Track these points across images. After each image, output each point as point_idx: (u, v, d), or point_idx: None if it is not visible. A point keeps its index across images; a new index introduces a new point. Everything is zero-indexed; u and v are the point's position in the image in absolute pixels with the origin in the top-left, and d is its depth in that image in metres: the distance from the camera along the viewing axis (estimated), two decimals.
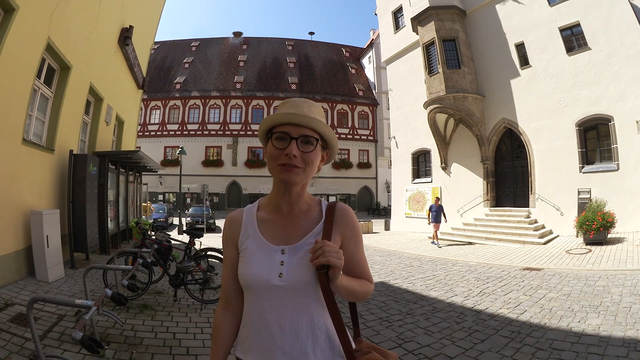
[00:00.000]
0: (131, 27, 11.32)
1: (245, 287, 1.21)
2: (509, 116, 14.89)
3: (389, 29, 21.28)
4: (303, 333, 1.14)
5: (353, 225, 1.26)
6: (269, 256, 1.18)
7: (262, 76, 42.66)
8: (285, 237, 1.21)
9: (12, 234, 6.07)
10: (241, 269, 1.21)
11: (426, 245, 13.55)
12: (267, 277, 1.15)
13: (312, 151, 1.16)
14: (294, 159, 1.13)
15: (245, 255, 1.22)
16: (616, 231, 10.61)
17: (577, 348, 3.92)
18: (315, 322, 1.16)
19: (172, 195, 37.96)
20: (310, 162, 1.17)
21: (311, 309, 1.16)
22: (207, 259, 6.37)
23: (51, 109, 7.64)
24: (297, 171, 1.15)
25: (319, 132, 1.18)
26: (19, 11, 5.63)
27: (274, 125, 1.18)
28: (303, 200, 1.25)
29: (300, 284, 1.14)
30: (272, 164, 1.17)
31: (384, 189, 40.07)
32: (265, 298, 1.16)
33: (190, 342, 4.12)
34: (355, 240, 1.26)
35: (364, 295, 1.25)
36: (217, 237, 16.11)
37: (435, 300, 6.22)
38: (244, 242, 1.24)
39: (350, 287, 1.17)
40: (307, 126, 1.15)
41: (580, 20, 12.61)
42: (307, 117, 1.15)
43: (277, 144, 1.15)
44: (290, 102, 1.21)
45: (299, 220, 1.24)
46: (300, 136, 1.14)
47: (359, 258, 1.27)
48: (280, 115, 1.16)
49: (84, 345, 2.49)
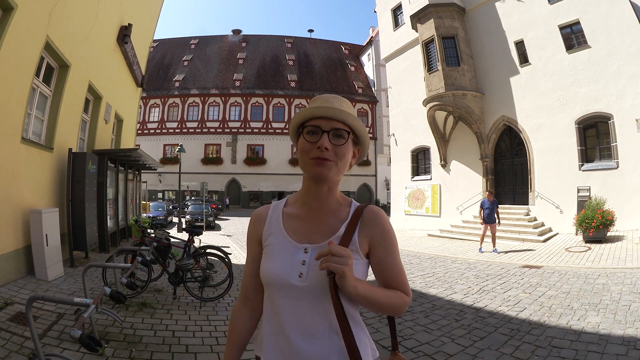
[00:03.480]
0: (130, 25, 11.28)
1: (265, 284, 1.18)
2: (508, 114, 14.89)
3: (388, 27, 21.24)
4: (320, 337, 1.10)
5: (384, 230, 1.18)
6: (291, 254, 1.15)
7: (262, 74, 42.61)
8: (309, 235, 1.17)
9: (11, 233, 6.07)
10: (262, 265, 1.19)
11: (426, 242, 13.53)
12: (286, 276, 1.12)
13: (343, 144, 1.14)
14: (325, 152, 1.11)
15: (267, 251, 1.20)
16: (615, 229, 10.61)
17: (577, 346, 3.93)
18: (333, 326, 1.10)
19: (172, 193, 37.95)
20: (342, 156, 1.14)
21: (329, 313, 1.09)
22: (207, 257, 6.37)
23: (50, 108, 7.62)
24: (329, 164, 1.12)
25: (350, 125, 1.15)
26: (17, 10, 5.61)
27: (305, 120, 1.16)
28: (334, 198, 1.21)
29: (320, 286, 1.09)
30: (304, 158, 1.14)
31: (383, 186, 40.09)
32: (283, 297, 1.13)
33: (189, 340, 4.12)
34: (386, 247, 1.17)
35: (393, 308, 1.16)
36: (216, 235, 16.13)
37: (435, 298, 6.23)
38: (267, 238, 1.21)
39: (371, 297, 1.10)
40: (338, 119, 1.13)
41: (580, 18, 12.59)
42: (338, 110, 1.13)
43: (309, 138, 1.13)
44: (321, 98, 1.20)
45: (327, 218, 1.19)
46: (332, 129, 1.13)
47: (391, 266, 1.18)
48: (311, 110, 1.15)
49: (82, 344, 2.49)
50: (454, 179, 17.06)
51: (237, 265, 8.05)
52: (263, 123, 40.35)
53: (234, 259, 7.47)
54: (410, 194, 19.49)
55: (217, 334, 4.40)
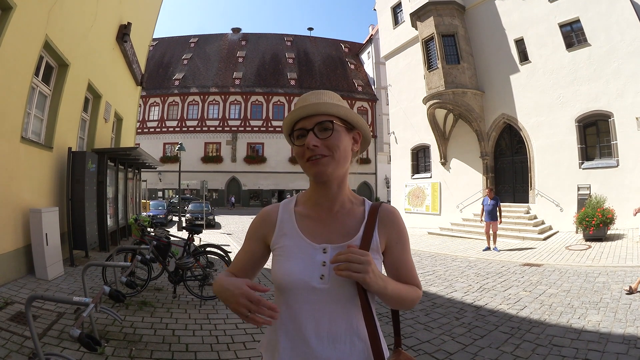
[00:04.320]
0: (129, 23, 11.26)
1: (280, 289, 1.12)
2: (508, 112, 14.87)
3: (388, 25, 21.21)
4: (341, 341, 1.07)
5: (399, 229, 1.19)
6: (309, 256, 1.10)
7: (261, 72, 42.60)
8: (327, 235, 1.13)
9: (11, 232, 6.06)
10: (277, 268, 1.13)
11: (426, 240, 13.53)
12: (307, 279, 1.07)
13: (331, 135, 1.09)
14: (316, 149, 1.07)
15: (281, 253, 1.14)
16: (616, 227, 10.61)
17: (577, 344, 3.93)
18: (355, 329, 1.09)
19: (172, 192, 37.95)
20: (335, 147, 1.09)
21: (350, 315, 1.08)
22: (207, 255, 6.36)
23: (49, 107, 7.61)
24: (324, 161, 1.08)
25: (332, 114, 1.11)
26: (16, 9, 5.59)
27: (293, 127, 1.14)
28: (344, 196, 1.19)
29: (342, 289, 1.07)
30: (301, 163, 1.12)
31: (384, 184, 40.14)
32: (302, 301, 1.08)
33: (189, 339, 4.12)
34: (402, 244, 1.19)
35: (412, 303, 1.18)
36: (216, 234, 16.13)
37: (435, 296, 6.23)
38: (280, 239, 1.16)
39: (399, 295, 1.11)
40: (318, 113, 1.10)
41: (580, 16, 12.57)
42: (312, 105, 1.10)
43: (299, 142, 1.11)
44: (300, 99, 1.16)
45: (342, 217, 1.17)
46: (315, 125, 1.09)
47: (406, 262, 1.20)
48: (291, 115, 1.13)
49: (81, 343, 2.49)
50: (454, 177, 17.05)
51: None
52: (263, 121, 40.36)
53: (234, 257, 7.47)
54: (410, 192, 19.49)
55: (217, 332, 4.39)
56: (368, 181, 41.08)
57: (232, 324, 4.63)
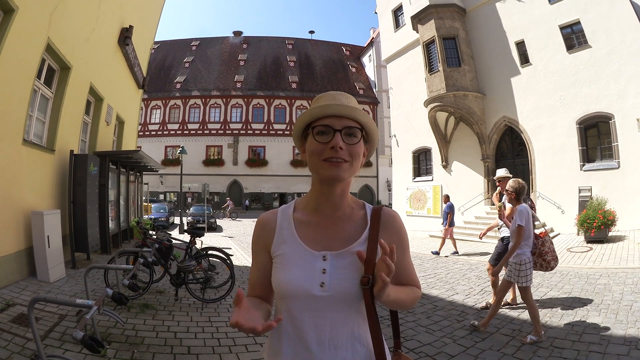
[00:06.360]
0: (131, 27, 11.30)
1: (281, 297, 1.11)
2: (509, 114, 14.89)
3: (389, 28, 21.27)
4: (343, 347, 1.06)
5: (400, 232, 1.18)
6: (309, 263, 1.09)
7: (263, 75, 42.66)
8: (326, 242, 1.11)
9: (13, 235, 6.08)
10: (277, 276, 1.11)
11: (427, 243, 13.53)
12: (307, 286, 1.06)
13: (357, 143, 1.08)
14: (340, 152, 1.04)
15: (281, 261, 1.12)
16: (617, 229, 10.59)
17: (578, 346, 3.92)
18: (356, 335, 1.08)
19: (173, 194, 37.96)
20: (357, 155, 1.08)
21: (352, 322, 1.08)
22: (208, 258, 6.37)
23: (51, 110, 7.64)
24: (344, 166, 1.06)
25: (362, 122, 1.10)
26: (18, 12, 5.62)
27: (312, 120, 1.10)
28: (346, 202, 1.16)
29: (344, 295, 1.06)
30: (314, 160, 1.08)
31: (385, 187, 40.11)
32: (303, 309, 1.07)
33: (191, 342, 4.13)
34: (403, 247, 1.18)
35: (412, 303, 1.18)
36: (218, 237, 16.14)
37: (437, 299, 6.22)
38: (279, 247, 1.14)
39: (399, 298, 1.10)
40: (349, 117, 1.07)
41: (580, 18, 12.60)
42: (348, 107, 1.07)
43: (319, 139, 1.06)
44: (327, 95, 1.13)
45: (343, 223, 1.14)
46: (344, 128, 1.06)
47: (406, 266, 1.19)
48: (320, 108, 1.08)
49: (84, 345, 2.49)
50: (456, 180, 17.05)
51: (238, 266, 8.06)
52: (264, 124, 40.39)
53: (235, 260, 7.47)
54: (411, 195, 19.49)
55: (219, 335, 4.40)
56: (369, 184, 41.05)
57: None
